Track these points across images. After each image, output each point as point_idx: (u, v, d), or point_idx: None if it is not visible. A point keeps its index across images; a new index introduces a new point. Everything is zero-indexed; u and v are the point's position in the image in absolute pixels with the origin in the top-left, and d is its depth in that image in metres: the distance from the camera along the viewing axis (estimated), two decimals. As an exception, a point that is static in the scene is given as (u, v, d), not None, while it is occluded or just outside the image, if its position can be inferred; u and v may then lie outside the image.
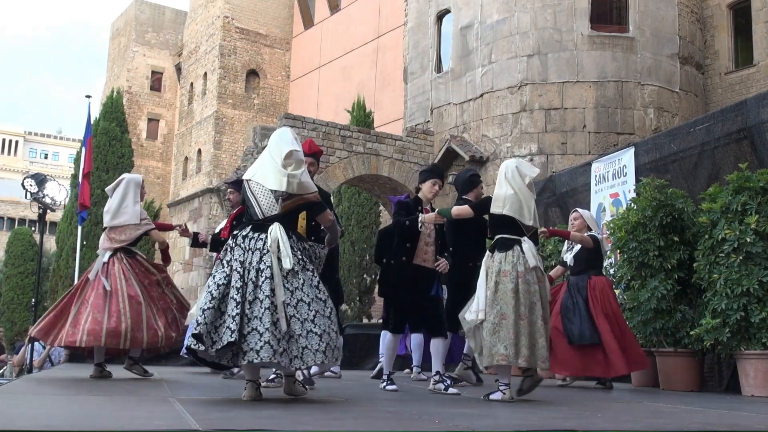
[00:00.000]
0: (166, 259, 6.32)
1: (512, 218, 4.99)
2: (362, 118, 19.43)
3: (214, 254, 7.48)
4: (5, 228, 51.43)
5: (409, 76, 19.41)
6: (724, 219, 6.13)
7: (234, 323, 3.97)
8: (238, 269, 4.16)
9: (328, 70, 27.21)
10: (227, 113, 28.69)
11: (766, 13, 16.57)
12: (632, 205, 7.25)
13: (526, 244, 4.96)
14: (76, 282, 12.65)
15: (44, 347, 10.05)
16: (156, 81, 34.49)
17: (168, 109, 34.49)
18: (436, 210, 5.67)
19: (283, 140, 4.40)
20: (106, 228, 6.00)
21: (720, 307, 6.01)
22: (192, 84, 31.10)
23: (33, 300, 11.09)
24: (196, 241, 6.68)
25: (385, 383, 5.57)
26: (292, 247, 4.22)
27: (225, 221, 6.82)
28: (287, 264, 4.14)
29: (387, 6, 23.91)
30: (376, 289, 18.88)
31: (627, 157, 8.67)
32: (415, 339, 6.91)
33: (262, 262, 4.16)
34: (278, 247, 4.18)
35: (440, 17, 18.59)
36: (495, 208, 5.05)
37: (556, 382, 7.40)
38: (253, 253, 4.20)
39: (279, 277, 4.13)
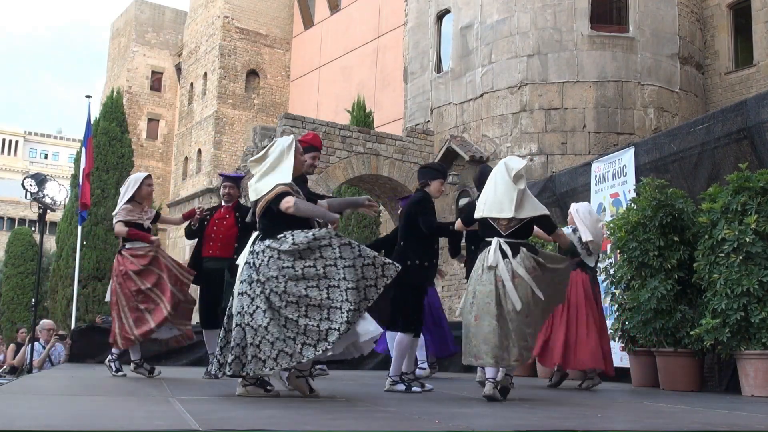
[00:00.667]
0: (141, 237, 6.31)
1: (487, 220, 5.02)
2: (362, 118, 19.42)
3: None
4: (5, 228, 51.43)
5: (409, 76, 19.41)
6: (724, 219, 6.12)
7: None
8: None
9: (328, 70, 27.21)
10: (227, 113, 28.69)
11: (766, 13, 16.57)
12: (632, 205, 7.24)
13: (494, 243, 4.94)
14: (76, 280, 12.70)
15: (44, 347, 10.05)
16: (156, 81, 34.49)
17: (168, 109, 34.49)
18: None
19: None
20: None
21: (720, 307, 6.01)
22: (192, 84, 31.10)
23: (33, 300, 11.07)
24: (192, 232, 6.73)
25: (407, 384, 5.51)
26: (254, 252, 4.51)
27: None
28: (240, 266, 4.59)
29: (387, 6, 23.91)
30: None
31: (627, 157, 8.67)
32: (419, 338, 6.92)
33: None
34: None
35: (440, 17, 18.59)
36: (477, 213, 5.09)
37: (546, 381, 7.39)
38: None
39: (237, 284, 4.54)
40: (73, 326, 11.10)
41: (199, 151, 29.32)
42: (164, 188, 32.78)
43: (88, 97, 13.45)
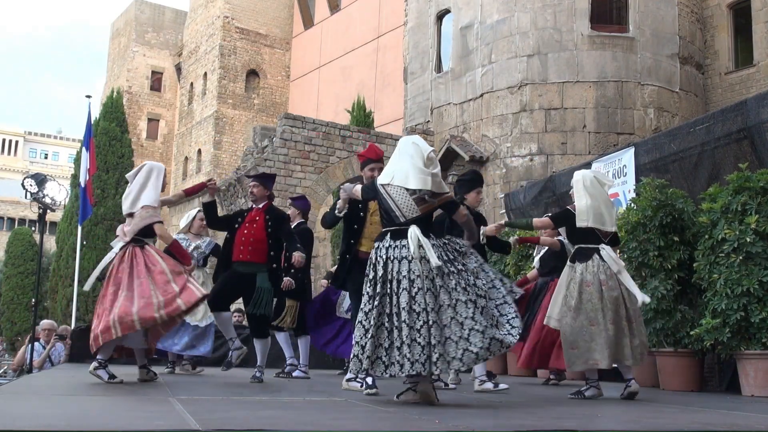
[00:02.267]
0: (182, 256, 5.66)
1: (593, 229, 5.20)
2: (362, 118, 19.42)
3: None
4: (5, 228, 51.42)
5: (409, 76, 19.41)
6: (724, 219, 6.12)
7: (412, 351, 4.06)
8: (385, 287, 4.24)
9: (328, 70, 27.21)
10: (227, 113, 28.70)
11: (766, 13, 16.57)
12: (632, 205, 7.24)
13: (605, 251, 5.18)
14: (76, 281, 12.71)
15: (44, 347, 10.04)
16: (156, 81, 34.50)
17: (168, 109, 34.49)
18: (504, 222, 5.90)
19: (421, 142, 4.53)
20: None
21: (720, 307, 6.01)
22: (192, 84, 31.11)
23: (33, 300, 11.07)
24: (214, 216, 6.29)
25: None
26: (434, 246, 4.27)
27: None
28: (435, 261, 4.17)
29: (387, 6, 23.91)
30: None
31: (627, 157, 8.67)
32: None
33: (411, 272, 4.20)
34: (419, 246, 4.23)
35: (440, 17, 18.59)
36: (580, 222, 5.23)
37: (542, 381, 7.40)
38: (400, 263, 4.24)
39: (425, 281, 4.18)
40: (72, 326, 11.10)
41: (199, 151, 29.32)
42: (164, 188, 32.77)
43: (88, 97, 13.44)
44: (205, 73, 29.85)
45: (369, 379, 4.86)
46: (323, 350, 8.20)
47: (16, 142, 71.66)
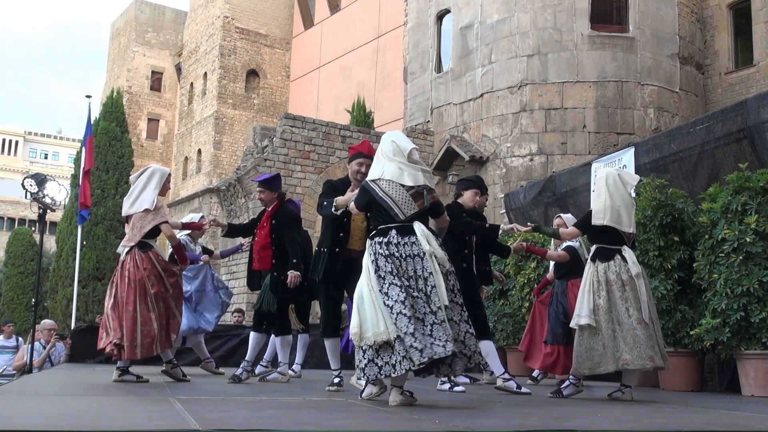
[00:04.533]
0: (182, 259, 5.86)
1: (613, 228, 5.15)
2: (362, 118, 19.42)
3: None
4: (5, 228, 51.43)
5: (409, 76, 19.41)
6: (724, 219, 6.12)
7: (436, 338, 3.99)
8: (405, 281, 4.12)
9: (328, 70, 27.21)
10: (227, 113, 28.69)
11: (766, 13, 16.57)
12: (632, 205, 7.24)
13: (627, 252, 5.15)
14: (76, 280, 12.70)
15: (44, 347, 10.04)
16: (156, 81, 34.49)
17: (168, 109, 34.49)
18: (534, 226, 5.89)
19: (404, 139, 4.45)
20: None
21: (720, 307, 6.01)
22: (192, 84, 31.11)
23: (33, 300, 11.06)
24: (232, 230, 6.46)
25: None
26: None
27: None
28: (440, 255, 4.17)
29: (387, 6, 23.91)
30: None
31: (627, 157, 8.67)
32: None
33: (424, 269, 4.14)
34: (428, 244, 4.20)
35: (440, 17, 18.59)
36: (596, 220, 5.17)
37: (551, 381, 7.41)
38: (413, 260, 4.16)
39: (440, 276, 4.13)
40: (73, 326, 11.09)
41: (199, 151, 29.32)
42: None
43: (88, 97, 13.44)
44: (205, 73, 29.85)
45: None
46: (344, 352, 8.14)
47: (16, 142, 71.67)
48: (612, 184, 5.18)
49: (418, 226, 4.25)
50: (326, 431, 3.04)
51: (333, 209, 5.15)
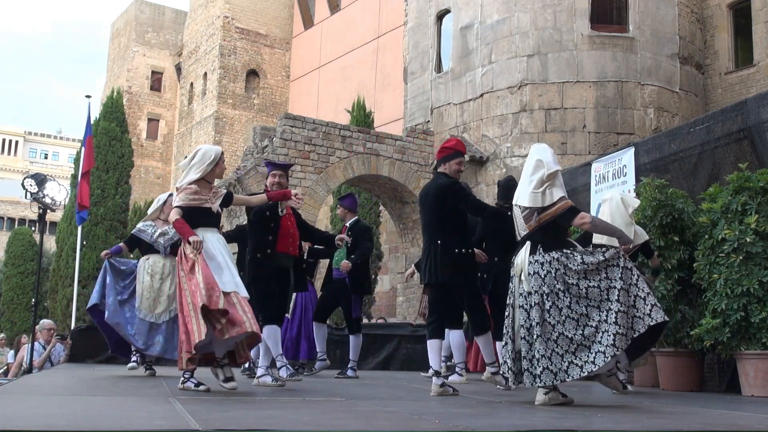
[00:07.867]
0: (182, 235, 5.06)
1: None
2: (362, 118, 19.42)
3: None
4: (5, 228, 51.42)
5: (409, 76, 19.41)
6: (724, 219, 6.13)
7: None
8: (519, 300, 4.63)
9: (328, 70, 27.21)
10: (227, 113, 28.70)
11: (766, 13, 16.57)
12: (632, 205, 7.24)
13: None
14: (76, 280, 12.70)
15: (44, 347, 10.05)
16: (156, 81, 34.49)
17: (168, 109, 34.49)
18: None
19: (545, 156, 4.66)
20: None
21: (720, 307, 6.01)
22: (192, 84, 31.11)
23: (33, 300, 11.07)
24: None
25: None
26: (538, 261, 4.52)
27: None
28: (525, 287, 4.56)
29: (387, 6, 23.91)
30: (376, 289, 18.87)
31: (627, 157, 8.66)
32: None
33: (521, 287, 4.60)
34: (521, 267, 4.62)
35: (440, 17, 18.59)
36: (595, 239, 5.88)
37: None
38: (518, 279, 4.65)
39: (520, 298, 4.58)
40: (72, 326, 11.10)
41: (199, 151, 29.30)
42: (164, 188, 32.76)
43: (88, 97, 13.46)
44: (205, 73, 29.86)
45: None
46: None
47: (16, 142, 71.66)
48: (615, 207, 5.94)
49: (523, 250, 4.80)
50: (326, 431, 3.04)
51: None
